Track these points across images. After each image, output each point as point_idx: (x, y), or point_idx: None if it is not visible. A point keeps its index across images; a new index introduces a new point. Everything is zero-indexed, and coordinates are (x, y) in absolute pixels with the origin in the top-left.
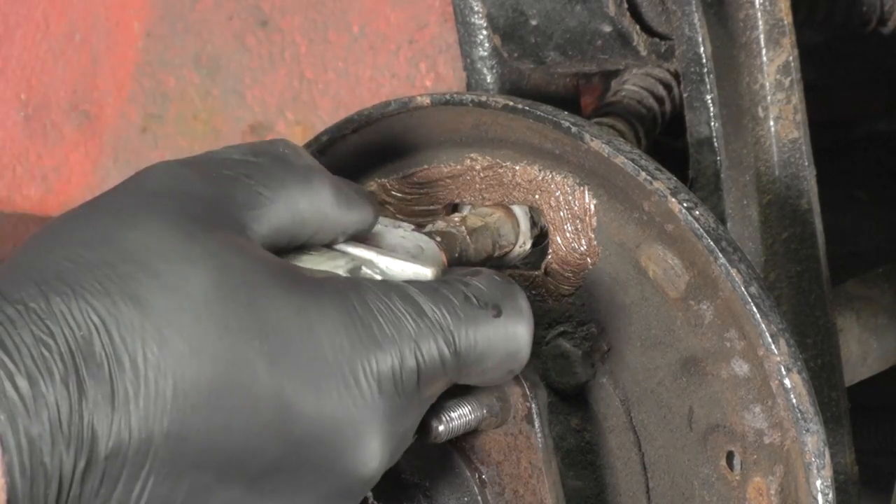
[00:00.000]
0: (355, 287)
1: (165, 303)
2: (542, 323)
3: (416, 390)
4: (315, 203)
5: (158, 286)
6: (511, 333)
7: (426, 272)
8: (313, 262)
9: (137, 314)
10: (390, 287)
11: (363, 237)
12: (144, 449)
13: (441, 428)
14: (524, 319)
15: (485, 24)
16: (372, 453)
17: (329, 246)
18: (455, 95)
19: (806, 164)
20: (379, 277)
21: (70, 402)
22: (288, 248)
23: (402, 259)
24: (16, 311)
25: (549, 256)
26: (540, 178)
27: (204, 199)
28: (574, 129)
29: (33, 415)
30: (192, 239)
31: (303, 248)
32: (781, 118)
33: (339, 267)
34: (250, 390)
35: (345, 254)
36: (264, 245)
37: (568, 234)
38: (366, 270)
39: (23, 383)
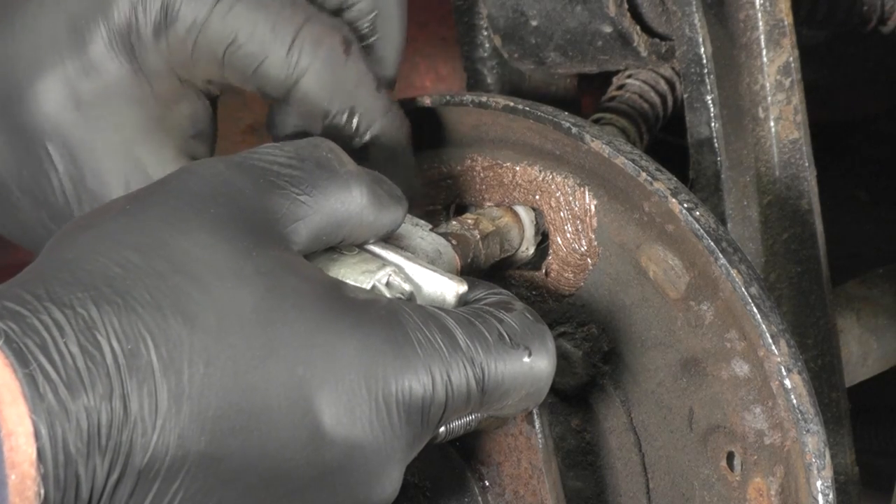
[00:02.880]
0: (397, 315)
1: (215, 321)
2: None
3: (439, 421)
4: (353, 210)
5: (209, 303)
6: (536, 375)
7: (451, 284)
8: (347, 267)
9: (186, 331)
10: (429, 316)
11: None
12: (178, 465)
13: (441, 429)
14: (550, 362)
15: (485, 25)
16: (391, 481)
17: (360, 246)
18: (455, 96)
19: (806, 164)
20: (407, 286)
21: (111, 416)
22: (321, 249)
23: (427, 268)
24: (64, 316)
25: (550, 257)
26: (540, 178)
27: (252, 209)
28: (574, 130)
29: (73, 427)
30: (243, 255)
31: (335, 248)
32: (782, 119)
33: (371, 272)
34: (289, 416)
35: (376, 257)
36: (303, 252)
37: (568, 235)
38: (394, 277)
39: (65, 394)
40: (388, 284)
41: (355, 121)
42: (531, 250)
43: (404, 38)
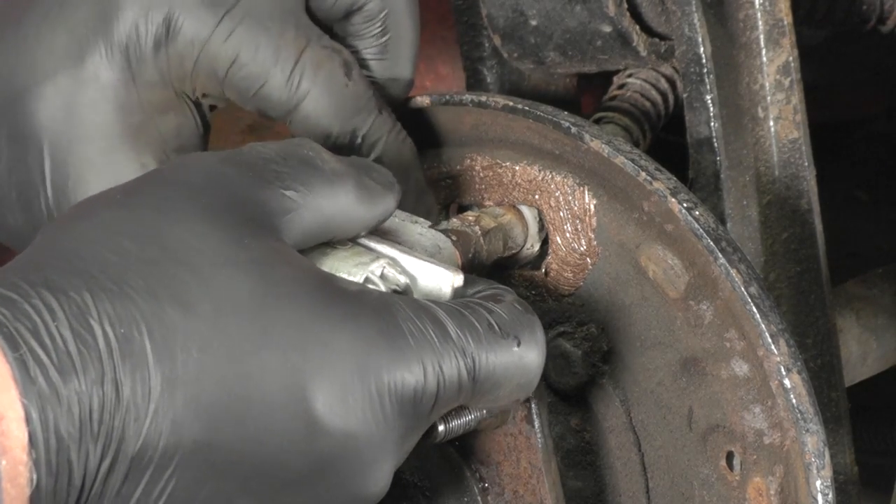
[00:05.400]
0: (388, 306)
1: (210, 308)
2: (542, 323)
3: (431, 412)
4: (340, 205)
5: (204, 290)
6: (526, 365)
7: (447, 275)
8: (340, 260)
9: (181, 316)
10: (420, 307)
11: (384, 230)
12: (171, 453)
13: (441, 428)
14: (539, 352)
15: (484, 24)
16: (383, 474)
17: (353, 240)
18: (455, 95)
19: (806, 164)
20: (402, 278)
21: (103, 401)
22: (312, 245)
23: (422, 259)
24: (56, 301)
25: (549, 257)
26: (540, 178)
27: (243, 200)
28: (574, 129)
29: (65, 412)
30: (237, 243)
31: (327, 242)
32: (781, 118)
33: (364, 265)
34: (284, 404)
35: (369, 250)
36: (294, 248)
37: (568, 235)
38: (389, 269)
39: (56, 378)
40: (382, 276)
41: (358, 143)
42: (536, 247)
43: (418, 36)
